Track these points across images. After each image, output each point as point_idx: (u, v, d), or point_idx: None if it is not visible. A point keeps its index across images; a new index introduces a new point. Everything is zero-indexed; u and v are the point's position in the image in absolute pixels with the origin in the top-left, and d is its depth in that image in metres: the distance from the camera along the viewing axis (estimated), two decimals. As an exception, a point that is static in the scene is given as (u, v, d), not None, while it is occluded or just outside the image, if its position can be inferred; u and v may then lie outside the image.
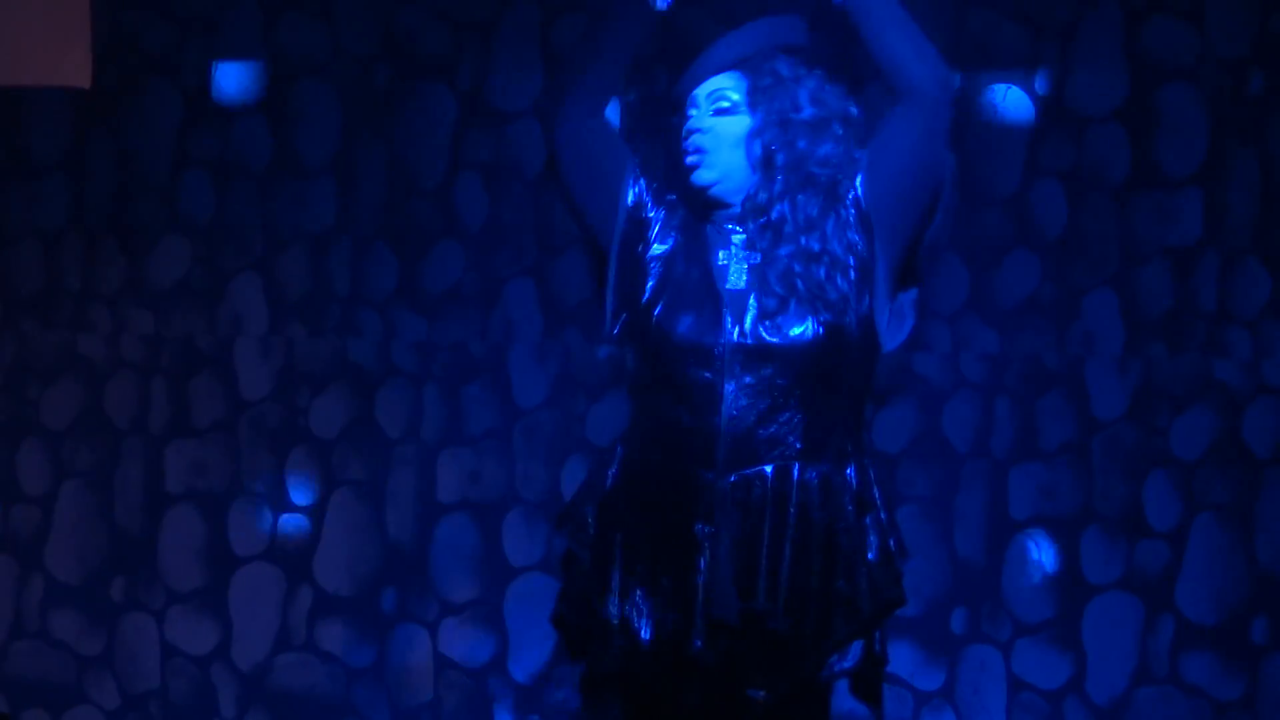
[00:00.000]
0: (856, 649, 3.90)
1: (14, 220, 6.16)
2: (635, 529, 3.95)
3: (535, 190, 5.97)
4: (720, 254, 3.94)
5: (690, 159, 3.95)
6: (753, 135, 3.93)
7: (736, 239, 3.95)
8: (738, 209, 3.94)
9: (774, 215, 3.90)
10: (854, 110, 3.95)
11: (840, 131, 3.93)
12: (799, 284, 3.86)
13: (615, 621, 3.94)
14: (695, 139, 3.93)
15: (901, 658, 5.40)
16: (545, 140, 4.35)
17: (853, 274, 3.90)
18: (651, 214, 4.04)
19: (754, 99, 3.94)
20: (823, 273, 3.86)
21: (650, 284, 3.98)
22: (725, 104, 3.94)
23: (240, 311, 6.06)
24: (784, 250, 3.88)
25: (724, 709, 3.89)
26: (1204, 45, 5.77)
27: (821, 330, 3.84)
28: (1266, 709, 5.78)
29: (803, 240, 3.88)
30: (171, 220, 6.12)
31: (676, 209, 4.05)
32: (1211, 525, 5.76)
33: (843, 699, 4.00)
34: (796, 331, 3.84)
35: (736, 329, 3.86)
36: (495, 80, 6.03)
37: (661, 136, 4.19)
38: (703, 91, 3.95)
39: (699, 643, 3.83)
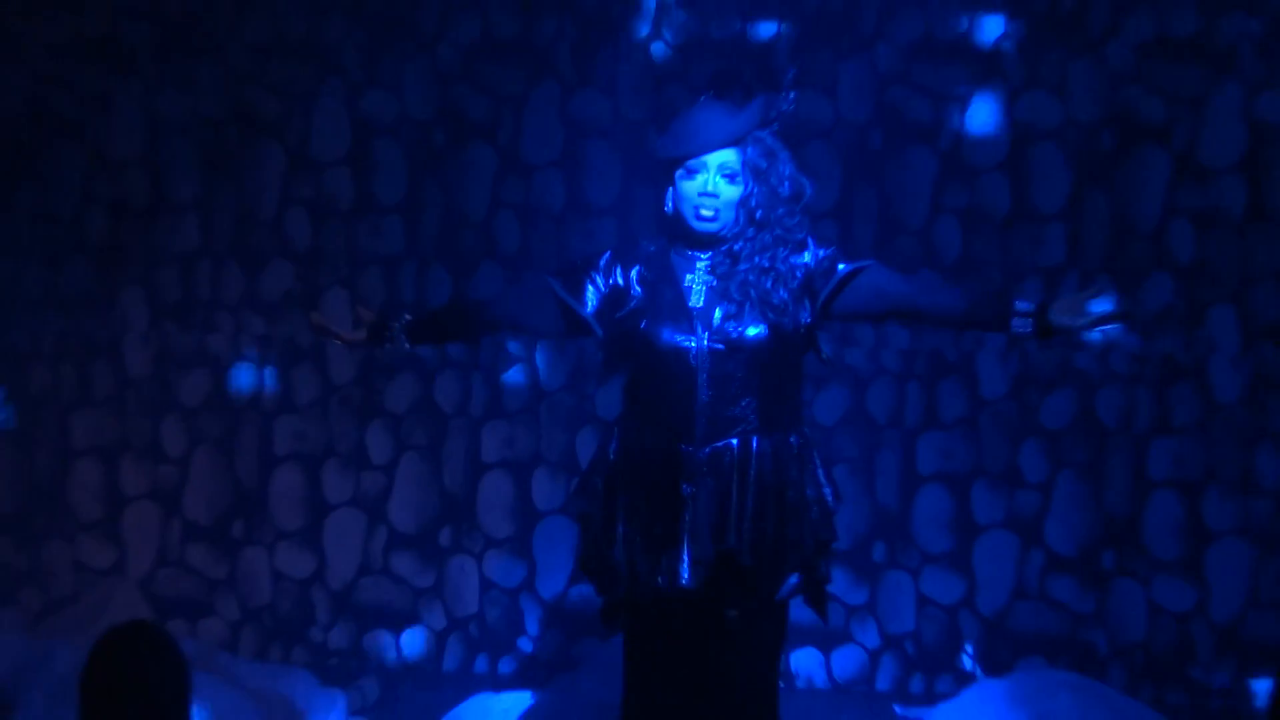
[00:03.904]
0: (803, 576, 4.18)
1: (159, 247, 6.22)
2: (633, 491, 4.16)
3: (557, 224, 6.07)
4: (686, 277, 4.14)
5: (705, 213, 4.08)
6: (746, 198, 4.10)
7: (700, 264, 4.14)
8: (724, 245, 4.10)
9: (736, 246, 4.11)
10: (808, 186, 4.14)
11: (800, 200, 4.12)
12: (752, 292, 4.08)
13: (621, 563, 4.15)
14: (710, 201, 4.08)
15: (836, 580, 5.26)
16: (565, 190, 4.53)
17: (794, 286, 4.10)
18: (621, 280, 4.19)
19: (748, 171, 4.09)
20: (769, 283, 4.08)
21: (633, 305, 4.16)
22: (729, 173, 4.09)
23: (332, 316, 5.67)
24: (743, 266, 4.09)
25: (706, 625, 4.11)
26: (1066, 113, 5.92)
27: (768, 330, 4.08)
28: (1112, 618, 5.93)
29: (756, 259, 4.09)
30: (278, 247, 6.22)
31: (653, 253, 4.20)
32: (1071, 479, 5.98)
33: (798, 612, 4.27)
34: (752, 332, 4.07)
35: (706, 335, 4.08)
36: (525, 140, 6.11)
37: (664, 187, 4.14)
38: (713, 160, 4.07)
39: (685, 576, 4.07)
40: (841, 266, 4.13)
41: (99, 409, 6.34)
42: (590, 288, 4.22)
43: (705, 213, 4.12)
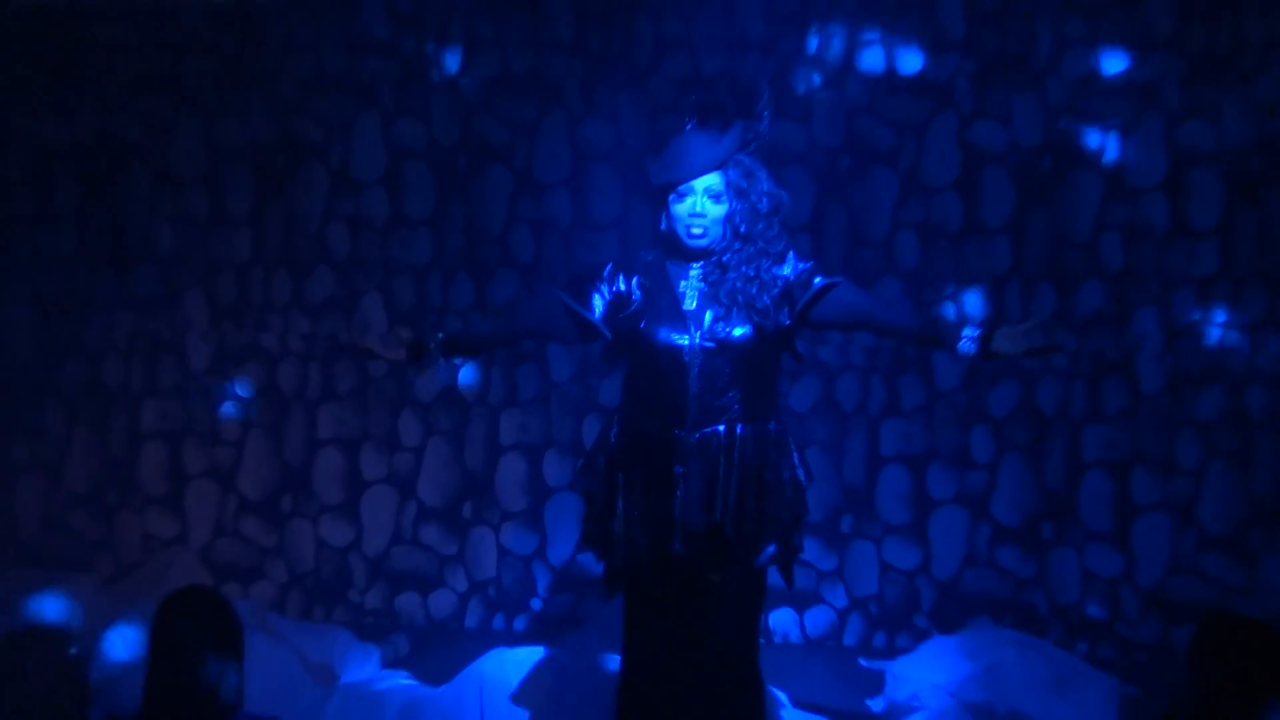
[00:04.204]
0: (779, 545, 4.18)
1: (217, 257, 6.21)
2: (631, 471, 4.16)
3: (565, 237, 6.05)
4: (681, 284, 4.12)
5: (695, 231, 4.06)
6: (730, 215, 4.08)
7: (693, 273, 4.12)
8: (713, 257, 4.08)
9: (725, 258, 4.09)
10: (785, 199, 4.14)
11: (779, 214, 4.11)
12: (739, 298, 4.07)
13: (621, 534, 4.15)
14: (698, 220, 4.06)
15: (809, 549, 5.59)
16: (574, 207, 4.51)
17: (775, 293, 4.07)
18: (623, 286, 4.16)
19: (731, 191, 4.07)
20: (754, 290, 4.07)
21: (634, 308, 4.13)
22: (714, 194, 4.06)
23: (368, 318, 6.11)
24: (731, 275, 4.07)
25: (695, 588, 4.13)
26: (1011, 139, 5.92)
27: (752, 331, 4.07)
28: (1051, 582, 5.92)
29: (743, 269, 4.08)
30: (322, 256, 6.19)
31: (650, 262, 4.17)
32: (1015, 460, 5.97)
33: (776, 577, 4.26)
34: (738, 332, 4.06)
35: (698, 334, 4.07)
36: (538, 163, 6.10)
37: (658, 206, 4.12)
38: (700, 184, 4.05)
39: (677, 545, 4.08)
40: (818, 280, 4.09)
41: (165, 398, 6.32)
42: (596, 296, 4.20)
43: (695, 231, 4.10)
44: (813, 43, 5.96)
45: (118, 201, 6.29)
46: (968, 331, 3.99)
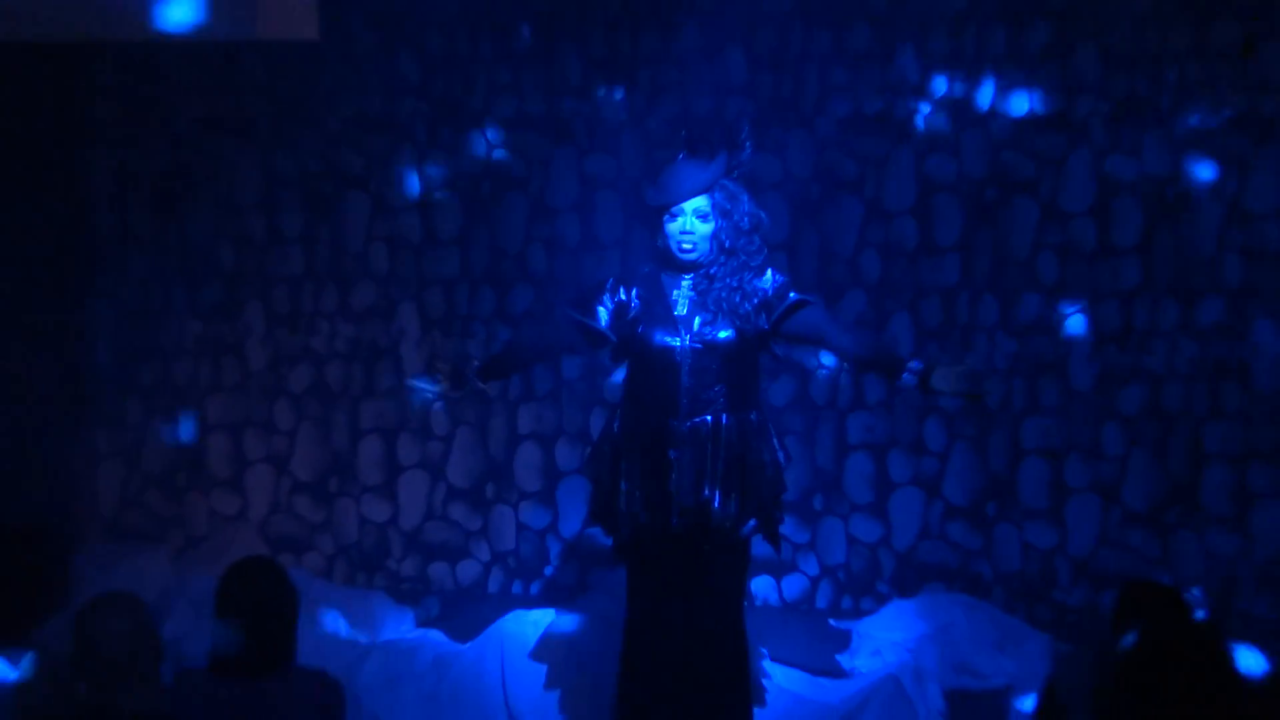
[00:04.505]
0: (760, 519, 4.25)
1: (273, 272, 6.20)
2: (632, 457, 4.19)
3: (574, 255, 6.02)
4: (674, 293, 4.16)
5: (685, 247, 4.10)
6: (717, 233, 4.12)
7: (685, 283, 4.15)
8: (701, 269, 4.13)
9: (713, 270, 4.14)
10: (764, 218, 4.18)
11: (759, 231, 4.16)
12: (724, 305, 4.12)
13: (625, 511, 4.20)
14: (688, 237, 4.09)
15: (786, 524, 5.17)
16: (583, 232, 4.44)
17: (755, 302, 4.12)
18: (624, 296, 4.19)
19: (716, 212, 4.10)
20: (737, 299, 4.12)
21: (633, 315, 4.17)
22: (702, 214, 4.09)
23: (404, 325, 6.12)
24: (718, 285, 4.12)
25: (688, 557, 4.18)
26: (960, 170, 5.88)
27: (735, 334, 4.12)
28: (995, 553, 5.91)
29: (728, 280, 4.12)
30: (363, 271, 6.15)
31: (646, 274, 4.20)
32: (964, 448, 5.93)
33: (758, 549, 4.38)
34: (723, 335, 4.12)
35: (688, 337, 4.12)
36: (550, 190, 6.06)
37: (654, 226, 4.17)
38: (689, 206, 4.08)
39: (674, 520, 4.13)
40: (793, 295, 4.10)
41: (228, 394, 6.30)
42: (600, 307, 4.21)
43: (686, 246, 4.12)
44: (787, 88, 5.96)
45: (186, 224, 6.28)
46: (911, 366, 4.00)
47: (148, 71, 6.19)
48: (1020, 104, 5.88)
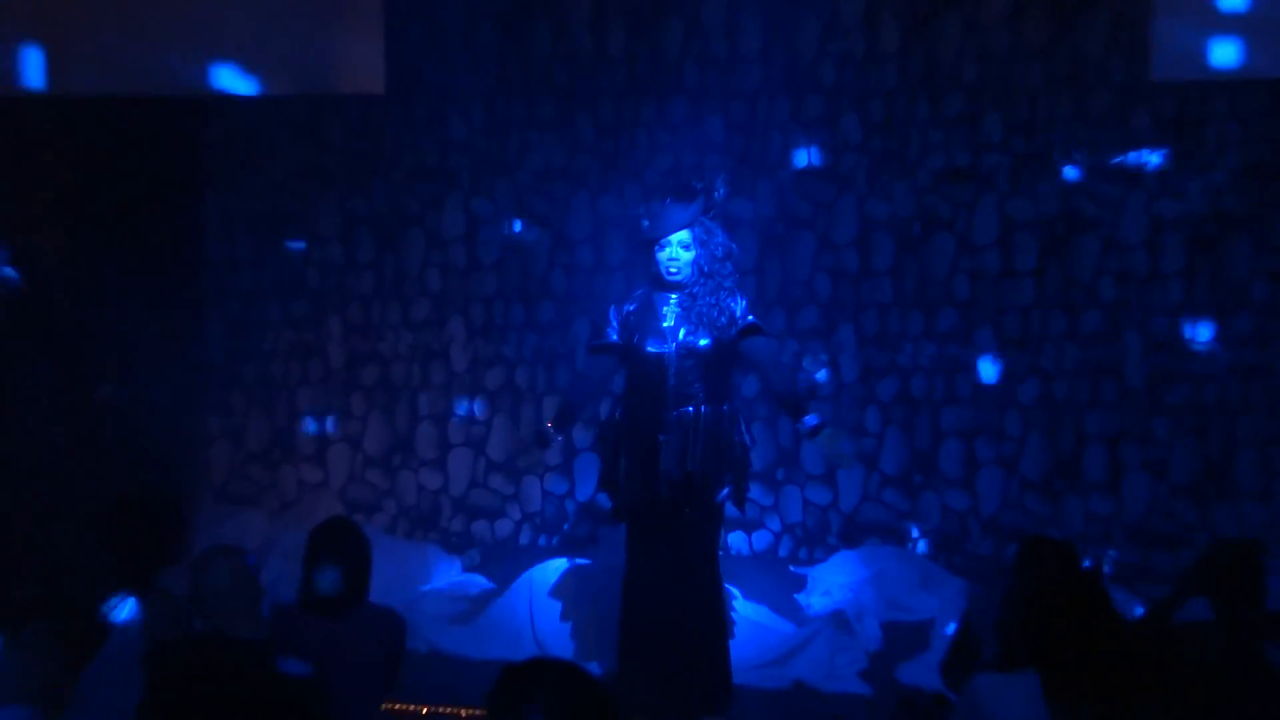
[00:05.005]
0: (732, 488, 4.19)
1: (349, 292, 6.12)
2: (630, 439, 4.16)
3: (588, 276, 5.99)
4: (663, 309, 4.13)
5: (672, 270, 4.07)
6: (697, 259, 4.09)
7: (672, 300, 4.13)
8: (685, 289, 4.11)
9: (695, 290, 4.13)
10: (735, 248, 4.15)
11: (731, 259, 4.13)
12: (704, 319, 4.09)
13: (624, 483, 4.18)
14: (674, 263, 4.07)
15: (753, 490, 5.53)
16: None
17: (727, 317, 4.10)
18: (624, 315, 4.17)
19: (697, 243, 4.08)
20: (714, 314, 4.10)
21: (631, 327, 4.16)
22: (685, 244, 4.07)
23: (453, 333, 6.08)
24: (699, 303, 4.10)
25: (675, 518, 4.14)
26: (892, 211, 5.79)
27: (712, 342, 4.09)
28: (920, 514, 5.80)
29: (708, 299, 4.10)
30: (420, 291, 6.10)
31: (641, 295, 4.16)
32: (896, 431, 5.85)
33: (730, 511, 4.28)
34: (702, 343, 4.10)
35: (674, 344, 4.09)
36: (569, 226, 6.04)
37: (648, 254, 4.13)
38: (674, 238, 4.07)
39: (663, 490, 4.09)
40: (750, 319, 4.06)
41: (313, 387, 6.25)
42: (610, 330, 4.19)
43: (672, 270, 4.12)
44: (756, 146, 5.94)
45: (280, 252, 6.23)
46: (807, 419, 3.98)
47: (245, 127, 6.14)
48: (938, 159, 5.87)
